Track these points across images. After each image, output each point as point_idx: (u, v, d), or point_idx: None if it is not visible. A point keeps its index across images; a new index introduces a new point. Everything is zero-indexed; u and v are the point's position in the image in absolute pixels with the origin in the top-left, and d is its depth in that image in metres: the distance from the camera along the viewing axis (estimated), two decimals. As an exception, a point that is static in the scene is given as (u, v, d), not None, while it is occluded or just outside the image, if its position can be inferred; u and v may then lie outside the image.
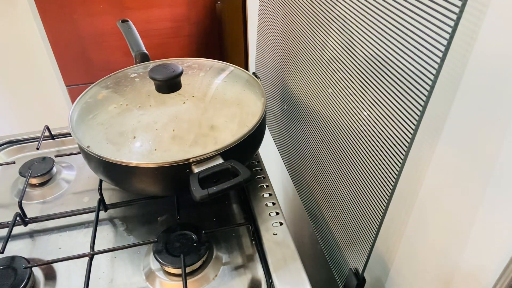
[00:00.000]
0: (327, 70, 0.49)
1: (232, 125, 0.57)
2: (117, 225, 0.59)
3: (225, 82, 0.67)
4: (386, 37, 0.36)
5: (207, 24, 1.35)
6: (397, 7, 0.33)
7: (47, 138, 0.75)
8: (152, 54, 0.72)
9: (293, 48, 0.59)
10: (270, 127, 0.80)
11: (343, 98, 0.45)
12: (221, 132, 0.56)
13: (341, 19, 0.43)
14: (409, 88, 0.33)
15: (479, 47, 0.30)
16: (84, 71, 1.34)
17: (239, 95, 0.64)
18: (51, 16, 1.22)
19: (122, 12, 1.26)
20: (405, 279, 0.47)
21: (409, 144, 0.34)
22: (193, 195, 0.45)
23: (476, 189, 0.33)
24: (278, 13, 0.63)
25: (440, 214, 0.38)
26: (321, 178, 0.55)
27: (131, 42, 0.73)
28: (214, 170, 0.48)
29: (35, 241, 0.56)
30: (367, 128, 0.41)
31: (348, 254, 0.49)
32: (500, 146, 0.30)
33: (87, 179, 0.67)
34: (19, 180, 0.66)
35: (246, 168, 0.48)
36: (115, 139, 0.55)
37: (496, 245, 0.32)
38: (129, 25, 0.77)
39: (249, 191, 0.63)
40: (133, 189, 0.57)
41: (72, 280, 0.51)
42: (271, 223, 0.57)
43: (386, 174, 0.38)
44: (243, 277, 0.51)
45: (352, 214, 0.46)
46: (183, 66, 0.68)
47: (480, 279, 0.34)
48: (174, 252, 0.50)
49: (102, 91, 0.66)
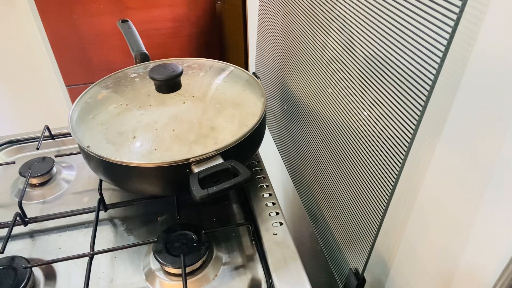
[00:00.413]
0: (327, 70, 0.49)
1: (232, 125, 0.57)
2: (117, 225, 0.59)
3: (225, 82, 0.67)
4: (386, 37, 0.36)
5: (207, 24, 1.35)
6: (397, 7, 0.33)
7: (47, 138, 0.75)
8: (152, 54, 0.72)
9: (293, 48, 0.59)
10: (270, 127, 0.80)
11: (343, 98, 0.45)
12: (221, 132, 0.56)
13: (341, 19, 0.43)
14: (409, 88, 0.33)
15: (479, 47, 0.30)
16: (84, 71, 1.33)
17: (239, 95, 0.64)
18: (51, 16, 1.22)
19: (122, 12, 1.26)
20: (405, 279, 0.47)
21: (409, 144, 0.34)
22: (193, 195, 0.45)
23: (476, 189, 0.33)
24: (278, 13, 0.63)
25: (440, 214, 0.38)
26: (321, 178, 0.55)
27: (131, 42, 0.74)
28: (214, 170, 0.48)
29: (35, 241, 0.56)
30: (367, 128, 0.41)
31: (348, 254, 0.49)
32: (500, 145, 0.30)
33: (87, 179, 0.67)
34: (19, 180, 0.66)
35: (246, 168, 0.48)
36: (115, 139, 0.55)
37: (496, 245, 0.32)
38: (129, 25, 0.77)
39: (249, 191, 0.63)
40: (133, 189, 0.57)
41: (72, 280, 0.51)
42: (271, 223, 0.57)
43: (386, 174, 0.38)
44: (243, 277, 0.51)
45: (352, 214, 0.46)
46: (183, 66, 0.68)
47: (480, 279, 0.34)
48: (174, 252, 0.50)
49: (102, 91, 0.66)
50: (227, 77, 0.68)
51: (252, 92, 0.64)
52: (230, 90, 0.64)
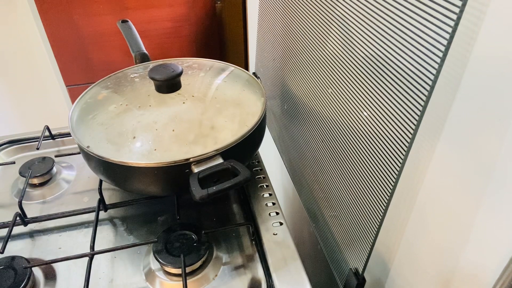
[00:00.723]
0: (327, 70, 0.49)
1: (232, 125, 0.57)
2: (117, 225, 0.59)
3: (225, 82, 0.67)
4: (386, 37, 0.36)
5: (207, 24, 1.35)
6: (397, 7, 0.33)
7: (47, 138, 0.75)
8: (152, 54, 0.72)
9: (293, 48, 0.59)
10: (270, 127, 0.80)
11: (343, 98, 0.45)
12: (221, 132, 0.56)
13: (341, 19, 0.43)
14: (409, 88, 0.33)
15: (479, 47, 0.30)
16: (84, 71, 1.33)
17: (239, 95, 0.64)
18: (51, 16, 1.22)
19: (122, 12, 1.26)
20: (405, 279, 0.47)
21: (409, 144, 0.34)
22: (192, 195, 0.45)
23: (476, 189, 0.33)
24: (278, 13, 0.63)
25: (440, 214, 0.38)
26: (321, 178, 0.55)
27: (131, 42, 0.74)
28: (214, 170, 0.48)
29: (35, 241, 0.56)
30: (367, 128, 0.41)
31: (348, 254, 0.49)
32: (500, 146, 0.30)
33: (87, 179, 0.67)
34: (19, 180, 0.66)
35: (246, 168, 0.48)
36: (115, 139, 0.55)
37: (496, 245, 0.32)
38: (129, 25, 0.77)
39: (249, 191, 0.63)
40: (133, 189, 0.57)
41: (72, 280, 0.51)
42: (271, 223, 0.57)
43: (386, 174, 0.38)
44: (243, 277, 0.51)
45: (352, 214, 0.46)
46: (183, 66, 0.68)
47: (480, 279, 0.34)
48: (174, 252, 0.50)
49: (102, 91, 0.66)
50: (227, 77, 0.68)
51: (252, 92, 0.64)
52: (230, 90, 0.64)
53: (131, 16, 1.27)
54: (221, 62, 0.71)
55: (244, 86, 0.65)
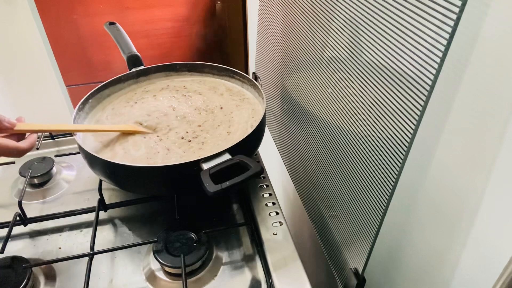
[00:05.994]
0: (327, 70, 0.49)
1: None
2: (117, 225, 0.59)
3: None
4: (386, 37, 0.36)
5: (207, 24, 1.35)
6: (397, 8, 0.33)
7: (47, 138, 0.75)
8: (152, 54, 0.72)
9: (293, 48, 0.59)
10: (270, 127, 0.80)
11: (343, 99, 0.45)
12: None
13: (341, 20, 0.43)
14: (409, 88, 0.33)
15: (479, 47, 0.30)
16: (84, 71, 1.33)
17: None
18: (51, 16, 1.22)
19: (122, 12, 1.26)
20: (405, 279, 0.47)
21: (409, 144, 0.34)
22: (206, 191, 0.44)
23: (476, 189, 0.33)
24: (278, 13, 0.63)
25: (440, 214, 0.38)
26: (321, 178, 0.55)
27: (122, 44, 0.72)
28: (224, 165, 0.48)
29: (35, 241, 0.56)
30: (367, 128, 0.41)
31: (348, 254, 0.49)
32: (500, 146, 0.30)
33: (87, 179, 0.67)
34: (19, 180, 0.66)
35: (255, 161, 0.47)
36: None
37: (496, 245, 0.32)
38: (117, 28, 0.74)
39: (249, 191, 0.63)
40: (133, 189, 0.57)
41: (72, 280, 0.51)
42: (271, 223, 0.57)
43: (386, 174, 0.38)
44: (243, 277, 0.51)
45: (352, 214, 0.46)
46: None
47: (480, 279, 0.34)
48: (174, 252, 0.50)
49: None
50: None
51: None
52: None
53: (131, 16, 1.27)
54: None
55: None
